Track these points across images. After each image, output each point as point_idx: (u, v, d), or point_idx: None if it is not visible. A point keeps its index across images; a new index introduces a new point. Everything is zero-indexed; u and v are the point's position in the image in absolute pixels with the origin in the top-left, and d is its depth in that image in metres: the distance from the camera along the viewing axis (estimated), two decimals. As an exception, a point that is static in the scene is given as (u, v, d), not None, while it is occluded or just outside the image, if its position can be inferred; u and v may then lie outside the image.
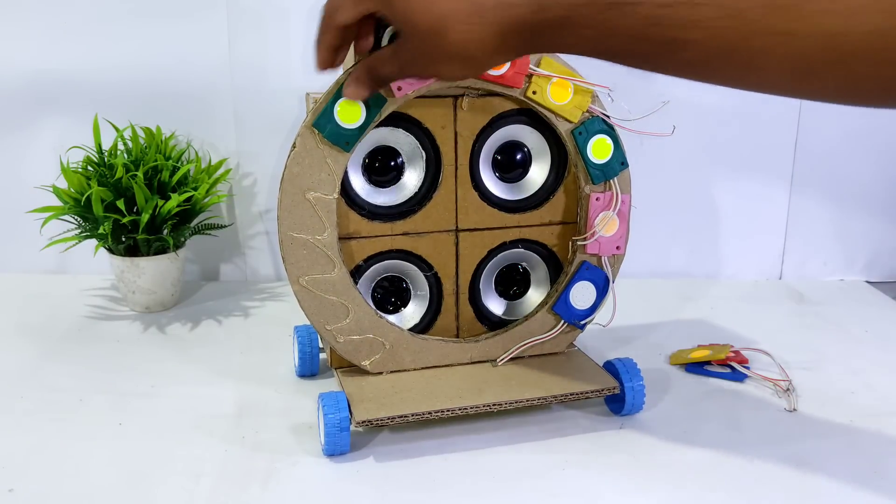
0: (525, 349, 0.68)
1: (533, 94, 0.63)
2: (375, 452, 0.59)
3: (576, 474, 0.57)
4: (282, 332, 0.81)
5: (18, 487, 0.55)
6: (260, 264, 1.01)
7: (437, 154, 0.64)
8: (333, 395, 0.59)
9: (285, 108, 0.94)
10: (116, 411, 0.66)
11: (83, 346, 0.79)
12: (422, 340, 0.66)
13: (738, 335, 0.83)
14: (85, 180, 0.84)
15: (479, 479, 0.56)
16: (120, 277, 0.88)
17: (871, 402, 0.69)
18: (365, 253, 0.64)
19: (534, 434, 0.62)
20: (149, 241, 0.85)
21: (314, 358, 0.72)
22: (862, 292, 0.99)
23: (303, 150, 0.59)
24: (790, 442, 0.61)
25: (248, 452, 0.59)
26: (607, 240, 0.67)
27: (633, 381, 0.64)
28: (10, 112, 0.96)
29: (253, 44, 0.93)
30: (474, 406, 0.60)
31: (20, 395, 0.68)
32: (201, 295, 0.95)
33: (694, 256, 1.01)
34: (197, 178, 0.88)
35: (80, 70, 0.94)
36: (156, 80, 0.94)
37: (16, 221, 0.94)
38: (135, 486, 0.55)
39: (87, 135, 0.89)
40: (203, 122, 0.95)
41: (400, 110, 0.61)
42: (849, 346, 0.81)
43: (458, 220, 0.66)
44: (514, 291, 0.70)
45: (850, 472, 0.57)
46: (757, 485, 0.56)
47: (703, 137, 0.97)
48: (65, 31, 0.93)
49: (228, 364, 0.75)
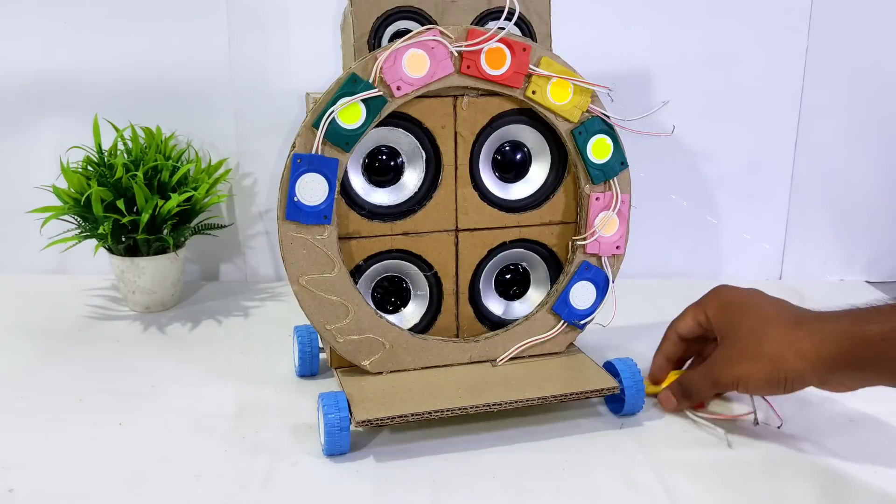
0: (525, 349, 0.68)
1: (533, 94, 0.63)
2: (375, 452, 0.59)
3: (576, 474, 0.57)
4: (282, 332, 0.81)
5: (18, 487, 0.55)
6: (260, 264, 1.01)
7: (437, 154, 0.64)
8: (333, 395, 0.59)
9: (285, 108, 0.94)
10: (116, 411, 0.65)
11: (83, 346, 0.79)
12: (422, 340, 0.66)
13: (738, 335, 0.83)
14: (85, 180, 0.84)
15: (479, 479, 0.56)
16: (120, 277, 0.88)
17: (872, 402, 0.69)
18: (365, 253, 0.64)
19: (534, 434, 0.62)
20: (149, 241, 0.85)
21: (314, 358, 0.72)
22: (862, 292, 0.99)
23: (303, 149, 0.59)
24: (790, 442, 0.61)
25: (248, 452, 0.59)
26: (607, 240, 0.67)
27: (633, 381, 0.64)
28: (10, 112, 0.96)
29: (253, 44, 0.93)
30: (474, 406, 0.60)
31: (20, 395, 0.68)
32: (201, 295, 0.95)
33: (694, 256, 1.01)
34: (197, 178, 0.88)
35: (80, 70, 0.94)
36: (156, 80, 0.94)
37: (16, 221, 0.94)
38: (135, 486, 0.55)
39: (87, 135, 0.89)
40: (203, 122, 0.95)
41: (400, 110, 0.61)
42: (849, 346, 0.81)
43: (457, 219, 0.66)
44: (514, 291, 0.70)
45: (851, 472, 0.57)
46: (757, 485, 0.56)
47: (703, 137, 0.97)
48: (65, 31, 0.93)
49: (228, 364, 0.75)
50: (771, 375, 0.54)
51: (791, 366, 0.54)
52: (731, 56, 0.95)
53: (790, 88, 0.96)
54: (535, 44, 0.62)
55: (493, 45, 0.61)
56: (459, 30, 0.61)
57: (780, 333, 0.54)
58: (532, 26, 0.65)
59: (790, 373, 0.54)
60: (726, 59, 0.95)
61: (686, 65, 0.94)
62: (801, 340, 0.53)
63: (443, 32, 0.60)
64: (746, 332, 0.56)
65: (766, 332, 0.55)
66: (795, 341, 0.53)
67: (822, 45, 0.94)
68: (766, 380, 0.55)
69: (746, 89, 0.96)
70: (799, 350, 0.53)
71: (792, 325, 0.55)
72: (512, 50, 0.61)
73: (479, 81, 0.62)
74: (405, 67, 0.60)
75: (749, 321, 0.57)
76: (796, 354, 0.53)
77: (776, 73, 0.95)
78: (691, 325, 0.64)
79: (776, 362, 0.54)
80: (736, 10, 0.93)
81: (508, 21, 0.62)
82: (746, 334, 0.56)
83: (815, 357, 0.53)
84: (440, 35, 0.60)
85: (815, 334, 0.53)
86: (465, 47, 0.60)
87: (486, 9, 0.64)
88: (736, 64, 0.95)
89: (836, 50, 0.95)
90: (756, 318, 0.57)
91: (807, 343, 0.53)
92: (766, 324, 0.55)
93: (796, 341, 0.53)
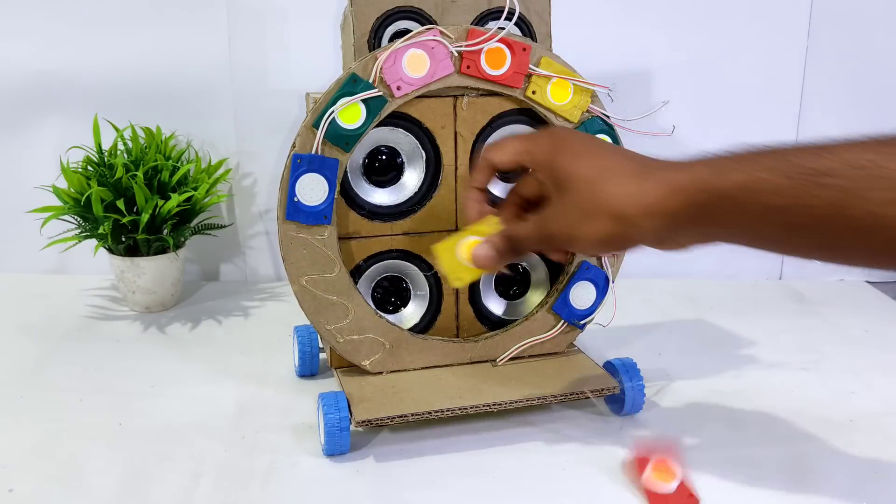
0: (525, 349, 0.68)
1: (533, 94, 0.63)
2: (375, 452, 0.59)
3: (576, 474, 0.57)
4: (282, 332, 0.81)
5: (18, 487, 0.55)
6: (260, 264, 1.01)
7: (437, 154, 0.64)
8: (333, 395, 0.59)
9: (285, 108, 0.94)
10: (116, 411, 0.65)
11: (83, 346, 0.79)
12: (422, 340, 0.66)
13: (738, 335, 0.83)
14: (85, 180, 0.84)
15: (479, 479, 0.56)
16: (120, 277, 0.88)
17: (871, 402, 0.69)
18: (365, 253, 0.64)
19: (534, 434, 0.62)
20: (149, 241, 0.85)
21: (314, 358, 0.72)
22: (862, 292, 0.99)
23: (303, 150, 0.59)
24: (790, 442, 0.61)
25: (248, 452, 0.59)
26: (607, 240, 0.67)
27: (633, 381, 0.64)
28: (10, 112, 0.96)
29: (253, 44, 0.93)
30: (474, 406, 0.60)
31: (20, 395, 0.68)
32: (201, 295, 0.95)
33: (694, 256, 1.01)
34: (197, 178, 0.88)
35: (80, 70, 0.94)
36: (156, 80, 0.94)
37: (16, 221, 0.94)
38: (135, 486, 0.55)
39: (87, 135, 0.89)
40: (203, 122, 0.95)
41: (400, 110, 0.61)
42: (849, 346, 0.81)
43: (458, 220, 0.66)
44: (514, 291, 0.70)
45: (850, 472, 0.57)
46: (757, 485, 0.56)
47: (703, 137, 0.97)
48: (65, 31, 0.93)
49: (228, 364, 0.75)
50: (610, 234, 0.46)
51: (634, 223, 0.45)
52: (732, 56, 0.95)
53: (790, 88, 0.96)
54: (535, 44, 0.62)
55: (493, 45, 0.61)
56: (459, 30, 0.61)
57: (621, 185, 0.46)
58: (532, 26, 0.65)
59: (632, 231, 0.45)
60: (726, 59, 0.95)
61: (686, 65, 0.94)
62: (647, 193, 0.45)
63: (443, 32, 0.60)
64: (583, 182, 0.47)
65: (607, 184, 0.46)
66: (639, 194, 0.45)
67: (822, 45, 0.94)
68: (604, 239, 0.46)
69: (746, 89, 0.96)
70: (644, 204, 0.45)
71: (636, 174, 0.46)
72: (512, 50, 0.61)
73: (479, 81, 0.62)
74: (405, 67, 0.60)
75: (586, 169, 0.47)
76: (641, 210, 0.45)
77: (776, 72, 0.95)
78: (511, 159, 0.52)
79: (617, 220, 0.45)
80: (736, 10, 0.93)
81: (508, 21, 0.62)
82: (583, 186, 0.47)
83: (663, 212, 0.44)
84: (440, 35, 0.60)
85: (664, 185, 0.44)
86: (465, 47, 0.60)
87: (486, 9, 0.64)
88: (736, 64, 0.95)
89: (836, 50, 0.95)
90: (595, 167, 0.47)
91: (653, 196, 0.45)
92: (606, 173, 0.47)
93: (640, 194, 0.45)
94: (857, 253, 0.41)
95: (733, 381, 0.72)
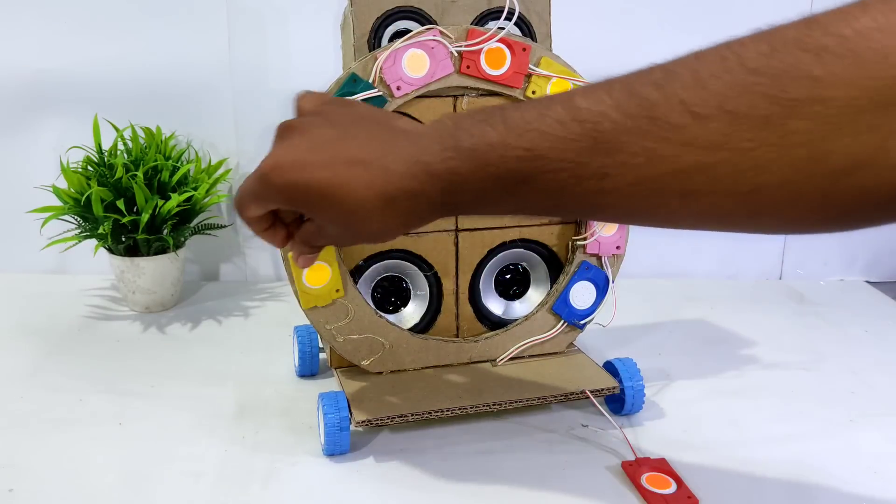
0: (525, 349, 0.68)
1: (533, 94, 0.63)
2: (375, 452, 0.59)
3: (576, 474, 0.57)
4: (282, 332, 0.81)
5: (18, 487, 0.55)
6: (260, 264, 1.01)
7: (437, 154, 0.64)
8: (333, 395, 0.59)
9: (285, 108, 0.94)
10: (116, 411, 0.65)
11: (83, 346, 0.79)
12: (422, 340, 0.66)
13: (738, 335, 0.83)
14: (85, 180, 0.84)
15: (479, 479, 0.56)
16: (120, 277, 0.88)
17: (871, 402, 0.69)
18: (365, 253, 0.64)
19: (534, 434, 0.62)
20: (149, 241, 0.85)
21: (314, 358, 0.72)
22: (862, 292, 0.99)
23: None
24: (790, 442, 0.61)
25: (248, 452, 0.59)
26: (607, 240, 0.67)
27: (633, 381, 0.64)
28: (10, 112, 0.96)
29: (253, 44, 0.93)
30: (474, 406, 0.60)
31: (20, 395, 0.68)
32: (201, 295, 0.95)
33: (694, 256, 1.01)
34: (197, 178, 0.88)
35: (80, 70, 0.94)
36: (156, 80, 0.94)
37: (16, 221, 0.94)
38: (135, 486, 0.55)
39: (87, 135, 0.89)
40: (203, 122, 0.95)
41: (400, 110, 0.61)
42: (849, 346, 0.81)
43: (457, 219, 0.66)
44: (513, 291, 0.70)
45: (850, 472, 0.57)
46: (757, 485, 0.56)
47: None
48: (65, 31, 0.93)
49: (228, 364, 0.75)
50: (389, 225, 0.41)
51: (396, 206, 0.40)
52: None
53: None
54: (535, 44, 0.62)
55: (492, 45, 0.61)
56: (459, 30, 0.61)
57: (360, 180, 0.40)
58: (532, 26, 0.65)
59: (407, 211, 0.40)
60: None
61: (686, 65, 0.94)
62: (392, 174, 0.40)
63: (443, 32, 0.60)
64: (323, 205, 0.42)
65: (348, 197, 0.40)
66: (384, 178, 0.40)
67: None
68: (385, 231, 0.41)
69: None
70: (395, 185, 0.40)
71: (378, 156, 0.40)
72: (512, 50, 0.61)
73: (478, 81, 0.62)
74: (405, 67, 0.60)
75: (317, 187, 0.42)
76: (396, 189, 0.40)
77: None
78: (261, 214, 0.47)
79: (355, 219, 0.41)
80: (736, 10, 0.93)
81: (508, 21, 0.62)
82: (325, 207, 0.42)
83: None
84: (440, 35, 0.60)
85: (422, 150, 0.40)
86: (464, 47, 0.60)
87: (486, 9, 0.64)
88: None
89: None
90: (324, 180, 0.42)
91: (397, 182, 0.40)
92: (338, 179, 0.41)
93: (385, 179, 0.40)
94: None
95: (733, 380, 0.72)
